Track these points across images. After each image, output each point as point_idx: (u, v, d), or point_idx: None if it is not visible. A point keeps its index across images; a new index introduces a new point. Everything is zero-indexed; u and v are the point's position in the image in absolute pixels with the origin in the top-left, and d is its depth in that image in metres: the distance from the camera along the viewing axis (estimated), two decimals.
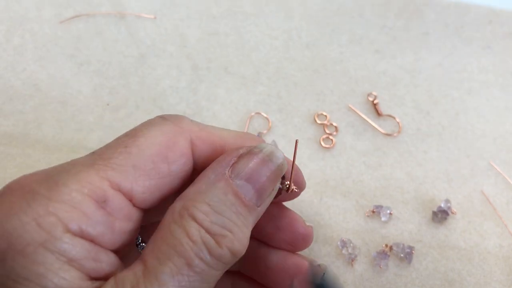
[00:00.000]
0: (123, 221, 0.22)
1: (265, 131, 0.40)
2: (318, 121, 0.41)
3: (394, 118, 0.41)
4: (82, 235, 0.20)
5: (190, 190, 0.22)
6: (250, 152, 0.23)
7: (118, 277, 0.20)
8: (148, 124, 0.23)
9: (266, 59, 0.44)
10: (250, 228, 0.23)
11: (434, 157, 0.40)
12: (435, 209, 0.37)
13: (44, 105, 0.41)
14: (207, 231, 0.21)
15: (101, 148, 0.23)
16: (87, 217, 0.20)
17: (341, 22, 0.46)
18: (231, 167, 0.23)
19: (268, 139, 0.40)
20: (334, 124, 0.41)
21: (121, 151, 0.22)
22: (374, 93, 0.42)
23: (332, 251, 0.36)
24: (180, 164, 0.23)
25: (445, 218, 0.37)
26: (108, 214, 0.21)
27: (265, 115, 0.41)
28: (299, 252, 0.29)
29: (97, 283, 0.20)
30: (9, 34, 0.44)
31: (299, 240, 0.28)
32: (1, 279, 0.19)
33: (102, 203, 0.21)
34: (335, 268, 0.35)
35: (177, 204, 0.22)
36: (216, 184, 0.22)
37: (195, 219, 0.21)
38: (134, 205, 0.22)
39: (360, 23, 0.46)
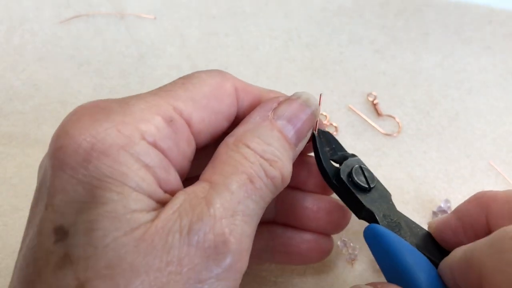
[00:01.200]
0: (185, 143, 0.24)
1: None
2: None
3: (394, 118, 0.42)
4: (155, 145, 0.22)
5: (239, 129, 0.25)
6: (289, 99, 0.27)
7: (187, 190, 0.22)
8: (198, 72, 0.26)
9: (266, 59, 0.44)
10: (292, 163, 0.25)
11: (434, 157, 0.40)
12: (435, 209, 0.37)
13: (44, 105, 0.41)
14: (261, 156, 0.24)
15: (161, 86, 0.25)
16: (159, 130, 0.22)
17: (341, 22, 0.46)
18: (273, 110, 0.26)
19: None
20: (334, 124, 0.41)
21: (180, 86, 0.25)
22: (374, 93, 0.42)
23: (333, 251, 0.36)
24: (228, 104, 0.26)
25: None
26: (174, 132, 0.23)
27: None
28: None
29: (167, 195, 0.22)
30: (9, 34, 0.44)
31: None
32: (86, 179, 0.20)
33: (169, 121, 0.23)
34: (335, 268, 0.35)
35: (229, 139, 0.25)
36: (262, 123, 0.25)
37: (249, 147, 0.24)
38: (193, 134, 0.24)
39: (360, 23, 0.46)
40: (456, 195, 0.38)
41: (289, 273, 0.35)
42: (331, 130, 0.41)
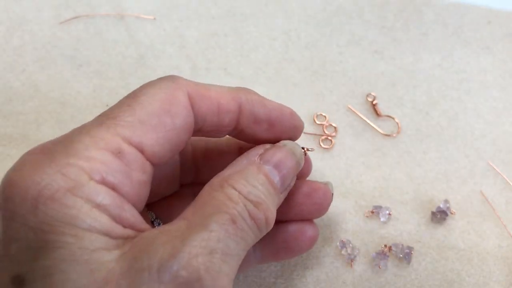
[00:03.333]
0: (139, 172, 0.23)
1: None
2: (317, 122, 0.41)
3: (393, 118, 0.42)
4: (104, 183, 0.21)
5: (226, 171, 0.25)
6: (276, 146, 0.27)
7: (159, 228, 0.22)
8: (146, 85, 0.25)
9: (265, 59, 0.44)
10: (276, 208, 0.25)
11: (433, 157, 0.40)
12: (434, 210, 0.37)
13: (44, 106, 0.41)
14: (246, 197, 0.23)
15: (106, 110, 0.24)
16: (107, 166, 0.22)
17: (340, 23, 0.46)
18: (259, 156, 0.26)
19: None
20: (334, 124, 0.41)
21: (125, 109, 0.23)
22: (373, 93, 0.42)
23: (332, 252, 0.36)
24: (182, 117, 0.24)
25: (444, 219, 0.37)
26: (125, 164, 0.22)
27: None
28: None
29: (128, 231, 0.21)
30: (8, 35, 0.44)
31: (319, 208, 0.31)
32: (37, 225, 0.20)
33: (117, 154, 0.22)
34: (334, 269, 0.35)
35: (215, 180, 0.24)
36: (249, 166, 0.25)
37: (234, 188, 0.23)
38: (147, 158, 0.24)
39: (359, 24, 0.46)
40: (455, 196, 0.38)
41: (288, 273, 0.35)
42: (330, 131, 0.41)
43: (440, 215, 0.37)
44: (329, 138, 0.40)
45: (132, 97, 0.24)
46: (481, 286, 0.35)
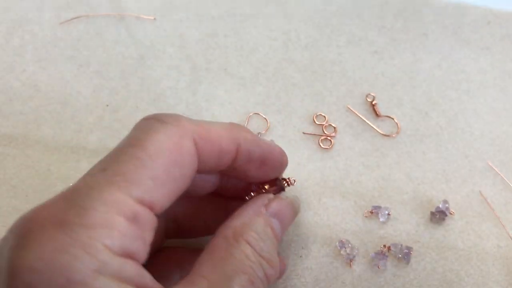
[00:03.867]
0: (151, 232, 0.23)
1: (263, 132, 0.41)
2: (317, 122, 0.41)
3: (392, 119, 0.42)
4: (125, 254, 0.21)
5: (236, 222, 0.26)
6: (279, 198, 0.29)
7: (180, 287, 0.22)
8: (150, 130, 0.24)
9: (265, 60, 0.44)
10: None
11: (433, 157, 0.40)
12: (433, 210, 0.37)
13: (44, 106, 0.41)
14: (260, 255, 0.25)
15: (111, 162, 0.22)
16: (125, 236, 0.21)
17: (339, 23, 0.46)
18: (265, 206, 0.28)
19: (267, 139, 0.40)
20: (333, 125, 0.41)
21: (135, 164, 0.22)
22: (373, 94, 0.43)
23: (331, 252, 0.36)
24: (189, 166, 0.24)
25: (443, 219, 0.37)
26: (140, 228, 0.22)
27: (263, 116, 0.41)
28: None
29: None
30: (9, 35, 0.44)
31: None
32: None
33: (132, 219, 0.21)
34: (333, 269, 0.35)
35: (227, 232, 0.26)
36: (257, 218, 0.27)
37: (249, 244, 0.25)
38: (155, 214, 0.23)
39: (358, 24, 0.46)
40: (454, 196, 0.38)
41: (287, 273, 0.35)
42: (329, 131, 0.41)
43: (439, 215, 0.37)
44: (329, 138, 0.40)
45: (139, 147, 0.23)
46: (480, 286, 0.35)
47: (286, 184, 0.31)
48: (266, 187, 0.30)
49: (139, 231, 0.22)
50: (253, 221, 0.26)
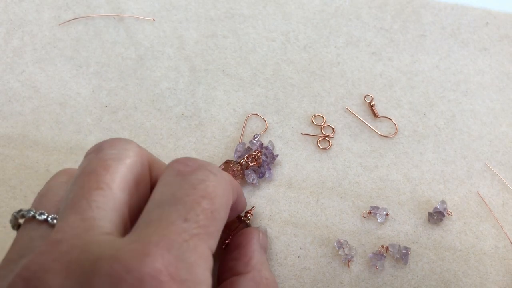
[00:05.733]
0: None
1: (262, 132, 0.41)
2: (315, 123, 0.41)
3: (390, 119, 0.42)
4: None
5: (255, 262, 0.30)
6: (262, 233, 0.33)
7: None
8: (209, 182, 0.24)
9: (264, 61, 0.44)
10: None
11: (430, 158, 0.40)
12: (431, 210, 0.37)
13: (43, 107, 0.41)
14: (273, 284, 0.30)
15: (189, 212, 0.22)
16: None
17: (338, 24, 0.46)
18: (260, 241, 0.32)
19: (265, 140, 0.40)
20: (331, 125, 0.41)
21: (210, 217, 0.23)
22: (371, 95, 0.43)
23: (329, 252, 0.36)
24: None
25: (441, 219, 0.37)
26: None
27: (262, 117, 0.41)
28: None
29: None
30: (8, 36, 0.45)
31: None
32: None
33: (211, 272, 0.23)
34: (331, 269, 0.35)
35: (254, 273, 0.29)
36: (262, 256, 0.31)
37: (267, 279, 0.30)
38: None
39: (357, 25, 0.46)
40: (452, 197, 0.38)
41: (285, 274, 0.35)
42: (328, 132, 0.41)
43: (437, 216, 0.37)
44: (327, 139, 0.41)
45: (210, 200, 0.24)
46: (477, 286, 0.35)
47: (249, 218, 0.35)
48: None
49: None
50: (263, 259, 0.31)
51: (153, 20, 0.46)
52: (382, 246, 0.36)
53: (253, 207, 0.36)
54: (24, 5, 0.46)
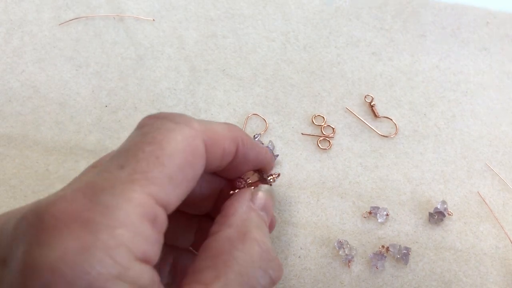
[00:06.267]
0: (163, 234, 0.22)
1: (262, 132, 0.41)
2: (315, 123, 0.41)
3: (390, 119, 0.42)
4: (145, 259, 0.20)
5: (236, 219, 0.25)
6: (260, 190, 0.28)
7: None
8: (165, 129, 0.23)
9: (264, 61, 0.44)
10: None
11: (431, 158, 0.40)
12: (431, 211, 0.37)
13: (43, 107, 0.41)
14: (267, 255, 0.24)
15: (128, 159, 0.22)
16: (147, 241, 0.20)
17: (338, 24, 0.46)
18: (251, 200, 0.27)
19: (265, 140, 0.40)
20: (331, 125, 0.41)
21: (154, 162, 0.21)
22: (371, 95, 0.43)
23: (329, 252, 0.36)
24: (201, 168, 0.24)
25: (442, 220, 0.37)
26: (158, 232, 0.21)
27: (262, 117, 0.41)
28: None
29: None
30: (8, 36, 0.44)
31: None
32: None
33: (153, 221, 0.21)
34: (332, 269, 0.35)
35: (230, 232, 0.24)
36: (251, 213, 0.26)
37: (257, 241, 0.24)
38: (168, 214, 0.23)
39: (357, 25, 0.46)
40: (452, 197, 0.38)
41: (286, 273, 0.35)
42: (328, 132, 0.41)
43: (437, 216, 0.37)
44: (327, 139, 0.40)
45: (157, 146, 0.22)
46: (478, 286, 0.35)
47: (271, 180, 0.31)
48: (249, 181, 0.30)
49: (157, 235, 0.21)
50: (249, 215, 0.25)
51: (153, 20, 0.46)
52: (383, 246, 0.36)
53: (278, 174, 0.32)
54: (24, 5, 0.46)
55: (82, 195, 0.20)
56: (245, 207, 0.26)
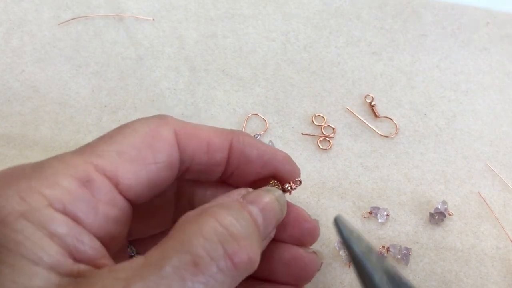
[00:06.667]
0: (108, 205, 0.22)
1: (262, 132, 0.41)
2: (316, 123, 0.41)
3: (391, 119, 0.42)
4: (64, 211, 0.20)
5: (205, 205, 0.23)
6: (260, 189, 0.25)
7: (113, 266, 0.20)
8: (135, 120, 0.24)
9: (264, 61, 0.44)
10: (260, 250, 0.22)
11: (431, 158, 0.40)
12: (432, 211, 0.37)
13: (42, 107, 0.41)
14: (226, 228, 0.20)
15: (90, 142, 0.23)
16: (69, 194, 0.20)
17: (338, 24, 0.46)
18: (243, 196, 0.24)
19: (265, 140, 0.40)
20: (332, 125, 0.41)
21: (106, 140, 0.23)
22: (371, 94, 0.43)
23: (330, 253, 0.36)
24: (165, 152, 0.23)
25: (442, 220, 0.37)
26: (91, 194, 0.21)
27: (262, 117, 0.41)
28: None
29: (81, 265, 0.20)
30: (7, 36, 0.44)
31: (306, 236, 0.27)
32: None
33: (85, 182, 0.21)
34: (332, 270, 0.35)
35: (191, 212, 0.22)
36: (232, 202, 0.23)
37: (215, 216, 0.20)
38: (120, 192, 0.22)
39: (357, 25, 0.46)
40: (453, 197, 0.38)
41: None
42: (328, 132, 0.41)
43: (438, 216, 0.37)
44: (327, 139, 0.40)
45: (117, 130, 0.23)
46: (478, 287, 0.35)
47: (289, 188, 0.27)
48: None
49: (88, 196, 0.21)
50: (227, 204, 0.22)
51: (153, 20, 0.46)
52: (383, 247, 0.36)
53: (299, 181, 0.28)
54: (23, 5, 0.46)
55: (34, 163, 0.22)
56: (227, 198, 0.24)
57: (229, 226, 0.20)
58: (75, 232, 0.20)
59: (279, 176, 0.27)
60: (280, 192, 0.26)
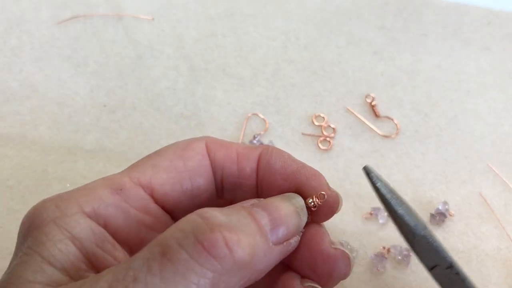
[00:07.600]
0: (141, 212, 0.23)
1: (262, 132, 0.40)
2: (316, 123, 0.41)
3: (392, 119, 0.41)
4: (95, 217, 0.22)
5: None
6: (276, 196, 0.24)
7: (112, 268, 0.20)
8: (176, 142, 0.26)
9: (264, 60, 0.44)
10: (258, 249, 0.20)
11: (432, 159, 0.40)
12: (432, 211, 0.37)
13: (41, 106, 0.41)
14: (201, 216, 0.19)
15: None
16: (100, 199, 0.22)
17: (339, 23, 0.46)
18: (251, 204, 0.22)
19: (265, 140, 0.40)
20: (332, 125, 0.41)
21: (143, 158, 0.25)
22: (372, 94, 0.42)
23: None
24: (195, 160, 0.25)
25: (443, 220, 0.37)
26: (122, 199, 0.23)
27: (262, 116, 0.41)
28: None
29: (92, 271, 0.21)
30: (6, 35, 0.44)
31: (320, 264, 0.25)
32: (20, 252, 0.21)
33: (118, 190, 0.23)
34: None
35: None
36: (233, 205, 0.22)
37: (199, 212, 0.20)
38: (156, 201, 0.24)
39: (358, 25, 0.46)
40: (454, 197, 0.38)
41: None
42: (329, 132, 0.41)
43: (438, 217, 0.37)
44: (328, 139, 0.40)
45: (155, 151, 0.26)
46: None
47: (312, 203, 0.25)
48: None
49: (119, 202, 0.23)
50: (228, 207, 0.22)
51: (152, 19, 0.46)
52: (384, 248, 0.36)
53: (323, 195, 0.25)
54: (22, 4, 0.46)
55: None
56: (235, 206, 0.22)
57: (210, 217, 0.19)
58: (98, 237, 0.22)
59: (303, 191, 0.25)
60: (294, 195, 0.24)
